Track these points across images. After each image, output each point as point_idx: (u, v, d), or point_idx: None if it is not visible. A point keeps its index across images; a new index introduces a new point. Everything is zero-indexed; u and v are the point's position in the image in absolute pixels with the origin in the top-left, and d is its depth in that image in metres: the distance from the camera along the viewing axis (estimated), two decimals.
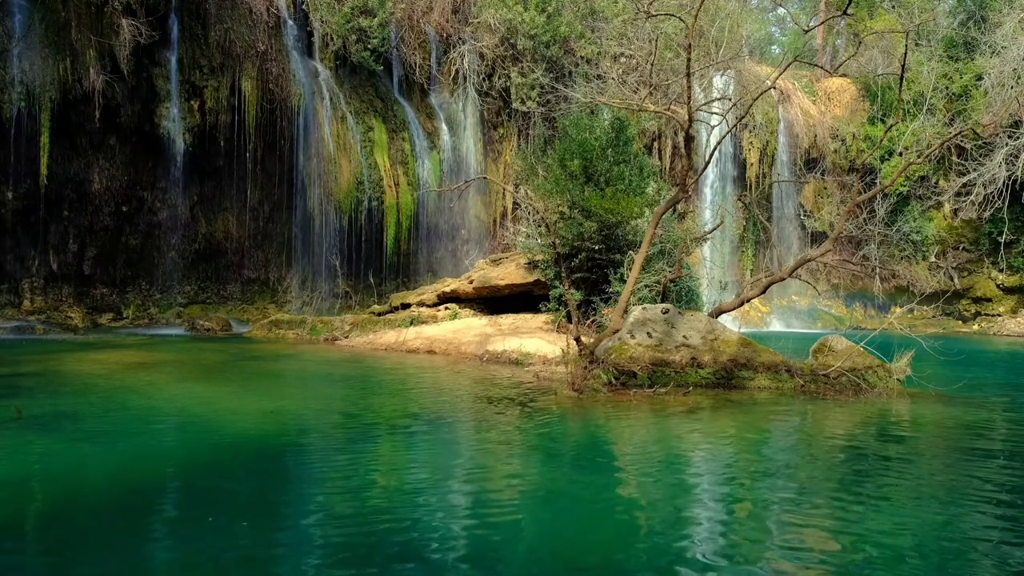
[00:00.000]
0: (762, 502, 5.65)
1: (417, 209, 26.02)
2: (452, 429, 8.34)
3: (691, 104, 11.22)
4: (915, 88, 27.82)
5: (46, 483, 5.90)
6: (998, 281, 28.59)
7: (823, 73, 31.50)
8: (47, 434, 7.39)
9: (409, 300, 20.81)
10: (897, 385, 11.02)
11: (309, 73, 24.67)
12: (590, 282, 16.43)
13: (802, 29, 22.05)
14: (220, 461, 6.68)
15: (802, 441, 8.12)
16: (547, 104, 26.35)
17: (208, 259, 24.61)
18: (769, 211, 30.19)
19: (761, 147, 29.61)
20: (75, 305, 22.30)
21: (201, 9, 22.62)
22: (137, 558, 4.39)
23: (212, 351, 16.16)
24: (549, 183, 17.58)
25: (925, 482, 6.28)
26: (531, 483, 6.11)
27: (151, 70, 22.02)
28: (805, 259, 13.47)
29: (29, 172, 20.73)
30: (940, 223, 29.07)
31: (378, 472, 6.31)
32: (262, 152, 23.84)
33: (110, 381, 11.14)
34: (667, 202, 12.48)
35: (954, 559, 4.51)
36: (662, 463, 6.88)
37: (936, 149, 15.17)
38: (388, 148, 25.60)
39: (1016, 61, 25.79)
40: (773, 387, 10.93)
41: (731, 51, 26.81)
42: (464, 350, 15.68)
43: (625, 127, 17.83)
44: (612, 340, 11.35)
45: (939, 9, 30.11)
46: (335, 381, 12.54)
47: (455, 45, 27.08)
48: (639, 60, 25.75)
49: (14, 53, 20.04)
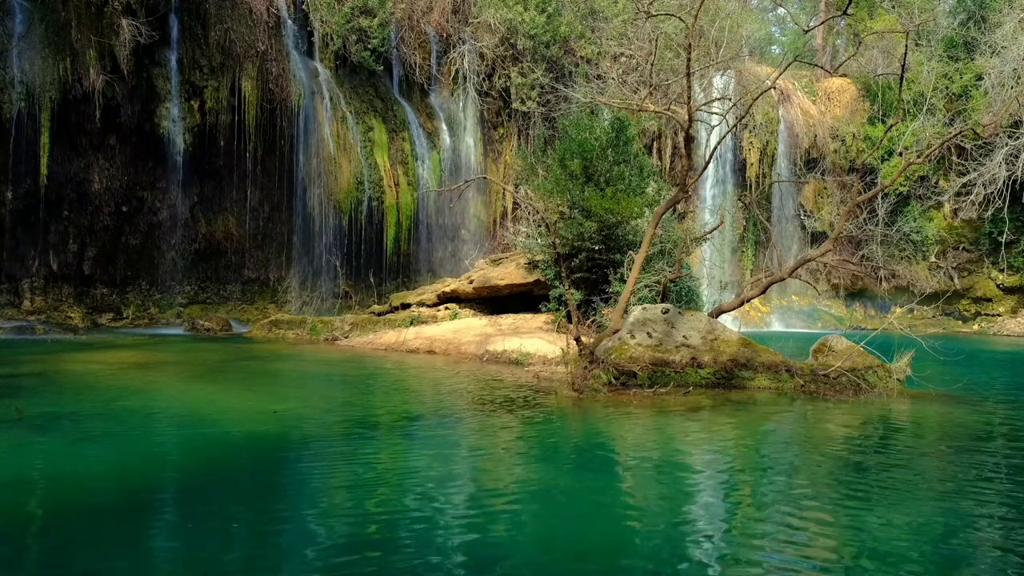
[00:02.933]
0: (762, 502, 5.65)
1: (417, 209, 26.03)
2: (452, 429, 8.34)
3: (691, 104, 11.22)
4: (915, 88, 27.81)
5: (46, 483, 5.90)
6: (998, 281, 28.58)
7: (823, 73, 31.49)
8: (47, 434, 7.39)
9: (409, 300, 20.81)
10: (897, 385, 11.02)
11: (309, 73, 24.67)
12: (590, 282, 16.43)
13: (802, 29, 22.05)
14: (220, 461, 6.68)
15: (802, 441, 8.12)
16: (547, 104, 26.37)
17: (208, 259, 24.62)
18: (769, 211, 30.19)
19: (761, 147, 29.60)
20: (75, 305, 22.31)
21: (201, 9, 22.63)
22: (137, 558, 4.39)
23: (212, 351, 16.16)
24: (549, 183, 17.58)
25: (925, 482, 6.28)
26: (531, 483, 6.11)
27: (151, 70, 22.03)
28: (805, 259, 13.48)
29: (29, 172, 20.73)
30: (940, 223, 29.07)
31: (378, 473, 6.31)
32: (262, 152, 23.85)
33: (110, 381, 11.14)
34: (667, 202, 12.48)
35: (954, 559, 4.51)
36: (662, 463, 6.88)
37: (936, 149, 15.17)
38: (388, 148, 25.61)
39: (1016, 61, 25.79)
40: (773, 387, 10.93)
41: (731, 51, 26.83)
42: (464, 350, 15.68)
43: (625, 127, 17.83)
44: (612, 340, 11.35)
45: (939, 9, 30.10)
46: (335, 381, 12.54)
47: (455, 45, 27.09)
48: (639, 60, 25.75)
49: (14, 53, 20.05)
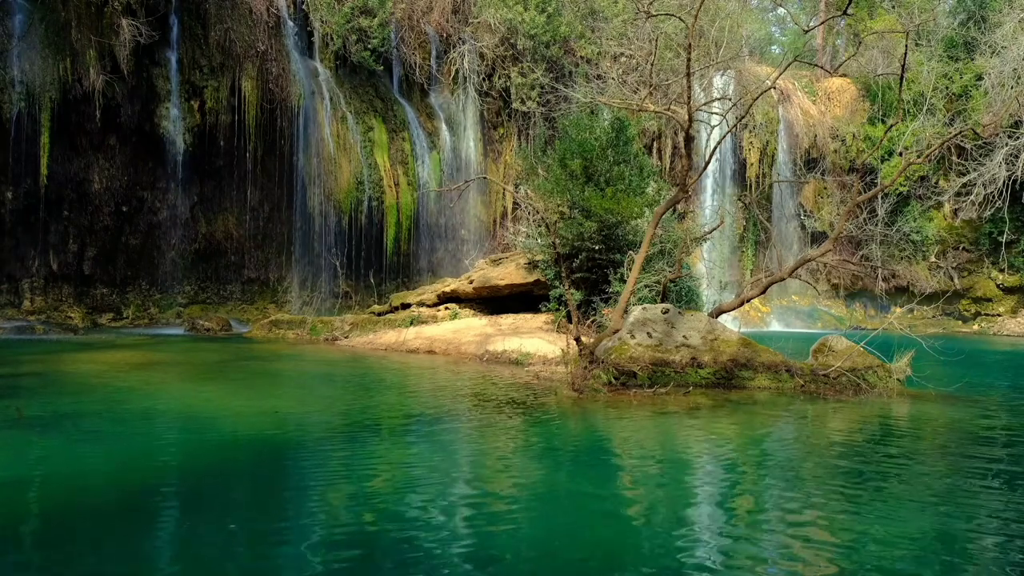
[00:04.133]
0: (762, 502, 5.65)
1: (417, 209, 26.02)
2: (452, 429, 8.34)
3: (691, 104, 11.22)
4: (915, 88, 27.81)
5: (46, 483, 5.90)
6: (998, 281, 28.58)
7: (823, 73, 31.49)
8: (47, 434, 7.39)
9: (409, 300, 20.81)
10: (897, 385, 11.02)
11: (309, 73, 24.67)
12: (590, 282, 16.43)
13: (802, 29, 22.05)
14: (220, 461, 6.68)
15: (802, 441, 8.12)
16: (547, 104, 26.36)
17: (208, 259, 24.62)
18: (769, 211, 30.19)
19: (761, 147, 29.60)
20: (75, 305, 22.30)
21: (201, 9, 22.63)
22: (137, 559, 4.39)
23: (212, 351, 16.16)
24: (549, 183, 17.58)
25: (925, 482, 6.28)
26: (531, 483, 6.11)
27: (151, 70, 22.03)
28: (805, 259, 13.48)
29: (29, 172, 20.73)
30: (940, 223, 29.07)
31: (378, 473, 6.31)
32: (262, 152, 23.85)
33: (110, 381, 11.14)
34: (667, 202, 12.48)
35: (954, 559, 4.51)
36: (662, 463, 6.88)
37: (936, 149, 15.17)
38: (388, 148, 25.60)
39: (1016, 61, 25.78)
40: (773, 387, 10.93)
41: (731, 51, 26.82)
42: (464, 350, 15.68)
43: (625, 127, 17.83)
44: (612, 340, 11.35)
45: (939, 9, 30.09)
46: (335, 381, 12.54)
47: (455, 45, 27.08)
48: (639, 60, 25.74)
49: (14, 53, 20.04)
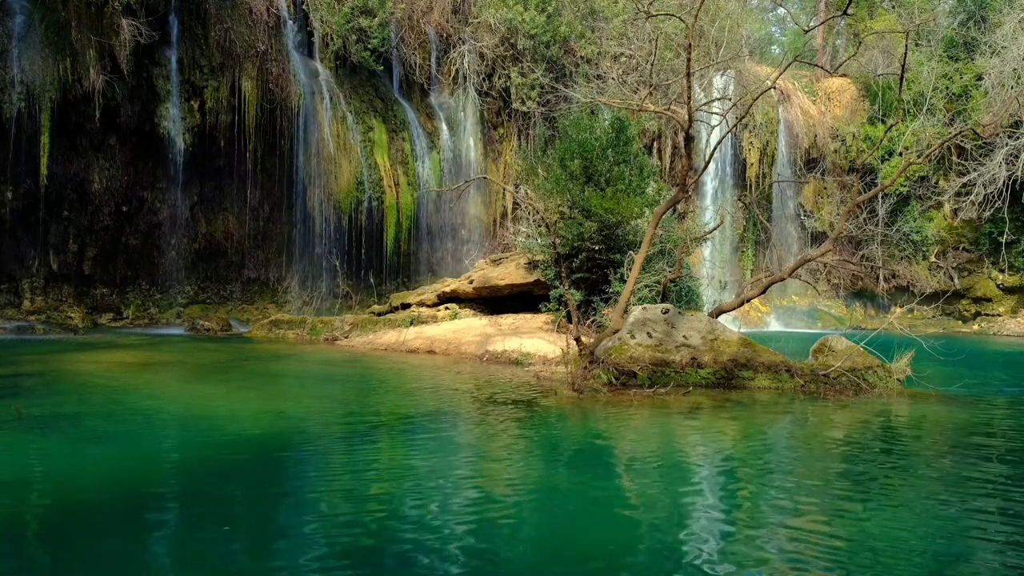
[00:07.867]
0: (762, 502, 5.65)
1: (417, 209, 26.02)
2: (452, 429, 8.34)
3: (691, 104, 11.22)
4: (915, 88, 27.81)
5: (46, 483, 5.90)
6: (998, 281, 28.58)
7: (823, 73, 31.47)
8: (47, 434, 7.39)
9: (409, 300, 20.79)
10: (897, 385, 11.02)
11: (309, 73, 24.66)
12: (590, 282, 16.43)
13: (802, 29, 22.03)
14: (220, 461, 6.68)
15: (802, 441, 8.12)
16: (547, 104, 26.35)
17: (208, 259, 24.62)
18: (769, 211, 30.19)
19: (761, 147, 29.60)
20: (75, 305, 22.30)
21: (201, 9, 22.62)
22: (137, 559, 4.39)
23: (212, 351, 16.16)
24: (549, 183, 17.57)
25: (925, 482, 6.28)
26: (531, 483, 6.12)
27: (151, 70, 22.02)
28: (805, 259, 13.48)
29: (29, 172, 20.72)
30: (940, 223, 29.06)
31: (379, 473, 6.31)
32: (262, 152, 23.84)
33: (110, 381, 11.14)
34: (667, 202, 12.48)
35: (954, 559, 4.51)
36: (662, 463, 6.88)
37: (936, 149, 15.18)
38: (388, 148, 25.60)
39: (1016, 61, 25.78)
40: (773, 387, 10.93)
41: (731, 51, 26.81)
42: (464, 350, 15.68)
43: (625, 127, 17.82)
44: (612, 340, 11.35)
45: (939, 9, 30.09)
46: (335, 381, 12.54)
47: (455, 45, 27.07)
48: (639, 60, 25.74)
49: (14, 53, 20.03)
